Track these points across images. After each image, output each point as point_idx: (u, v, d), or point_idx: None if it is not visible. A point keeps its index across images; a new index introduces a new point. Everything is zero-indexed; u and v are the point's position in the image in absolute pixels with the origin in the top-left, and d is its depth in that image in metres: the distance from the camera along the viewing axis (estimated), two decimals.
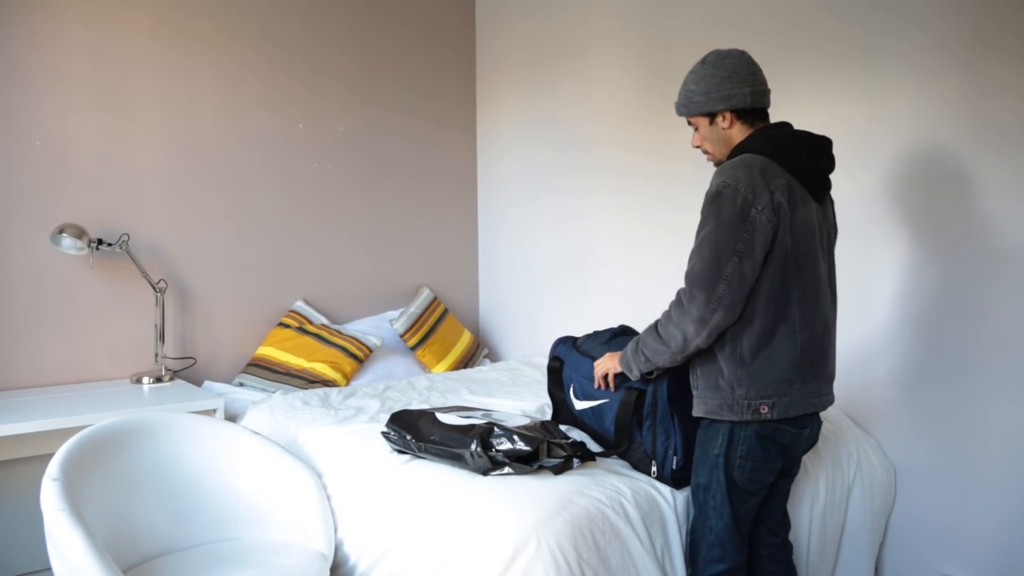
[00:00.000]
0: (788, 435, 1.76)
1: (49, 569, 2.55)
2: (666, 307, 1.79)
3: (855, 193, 2.42)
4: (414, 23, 3.68)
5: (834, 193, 2.41)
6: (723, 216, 1.67)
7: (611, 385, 2.02)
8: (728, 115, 1.81)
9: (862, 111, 2.40)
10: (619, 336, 2.25)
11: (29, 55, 2.74)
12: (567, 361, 2.27)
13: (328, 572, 1.92)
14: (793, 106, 2.52)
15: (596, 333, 2.33)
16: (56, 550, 1.68)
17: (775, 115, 1.91)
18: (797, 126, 1.90)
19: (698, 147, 1.90)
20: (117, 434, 2.01)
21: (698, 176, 2.85)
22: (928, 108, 2.26)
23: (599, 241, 3.30)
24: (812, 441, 1.87)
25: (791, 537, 2.01)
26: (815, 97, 2.49)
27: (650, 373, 1.88)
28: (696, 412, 1.80)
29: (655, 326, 1.80)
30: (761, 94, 1.82)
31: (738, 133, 1.82)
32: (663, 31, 2.98)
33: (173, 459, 2.07)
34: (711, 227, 1.69)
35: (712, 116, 1.83)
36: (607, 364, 2.01)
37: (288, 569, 1.88)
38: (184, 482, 2.06)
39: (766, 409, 1.71)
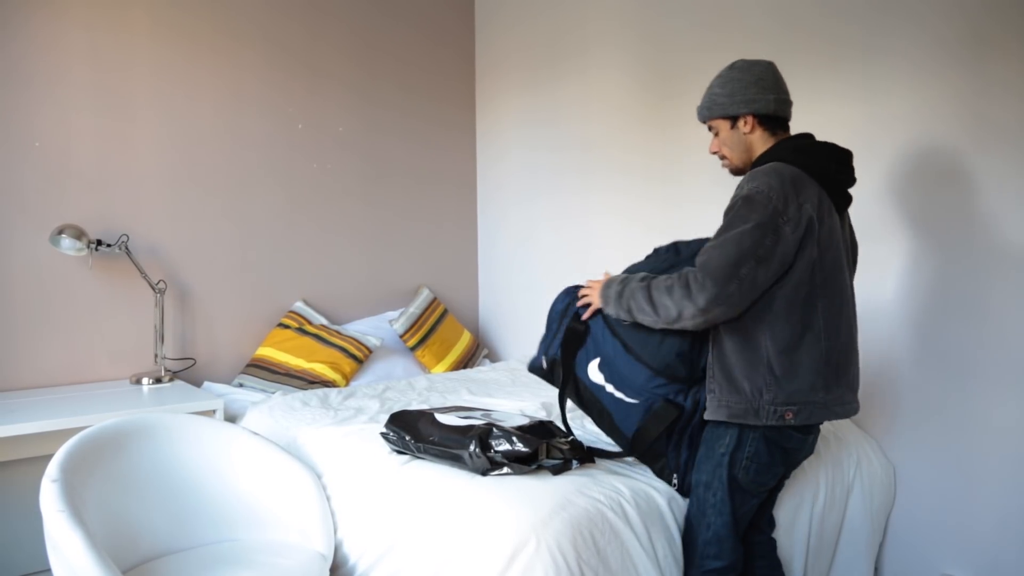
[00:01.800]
0: (794, 440, 1.77)
1: (49, 570, 2.55)
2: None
3: (854, 193, 2.41)
4: (414, 23, 3.68)
5: None
6: (751, 220, 1.67)
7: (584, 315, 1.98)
8: (750, 119, 1.82)
9: (861, 111, 2.40)
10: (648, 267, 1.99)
11: (29, 56, 2.74)
12: (594, 332, 2.02)
13: (328, 573, 1.93)
14: (793, 106, 2.52)
15: (629, 277, 1.90)
16: (56, 551, 1.68)
17: None
18: (796, 127, 1.90)
19: (715, 153, 1.90)
20: (117, 435, 2.00)
21: (698, 176, 2.85)
22: (928, 108, 2.26)
23: (599, 241, 3.29)
24: (811, 450, 1.88)
25: (775, 535, 2.04)
26: (814, 98, 2.49)
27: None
28: (715, 416, 1.77)
29: (648, 286, 1.76)
30: (785, 103, 1.84)
31: (759, 140, 1.83)
32: (663, 31, 2.98)
33: (173, 460, 2.07)
34: (738, 229, 1.68)
35: (734, 120, 1.84)
36: (593, 297, 1.95)
37: (288, 570, 1.88)
38: (184, 483, 2.06)
39: (791, 415, 1.71)
